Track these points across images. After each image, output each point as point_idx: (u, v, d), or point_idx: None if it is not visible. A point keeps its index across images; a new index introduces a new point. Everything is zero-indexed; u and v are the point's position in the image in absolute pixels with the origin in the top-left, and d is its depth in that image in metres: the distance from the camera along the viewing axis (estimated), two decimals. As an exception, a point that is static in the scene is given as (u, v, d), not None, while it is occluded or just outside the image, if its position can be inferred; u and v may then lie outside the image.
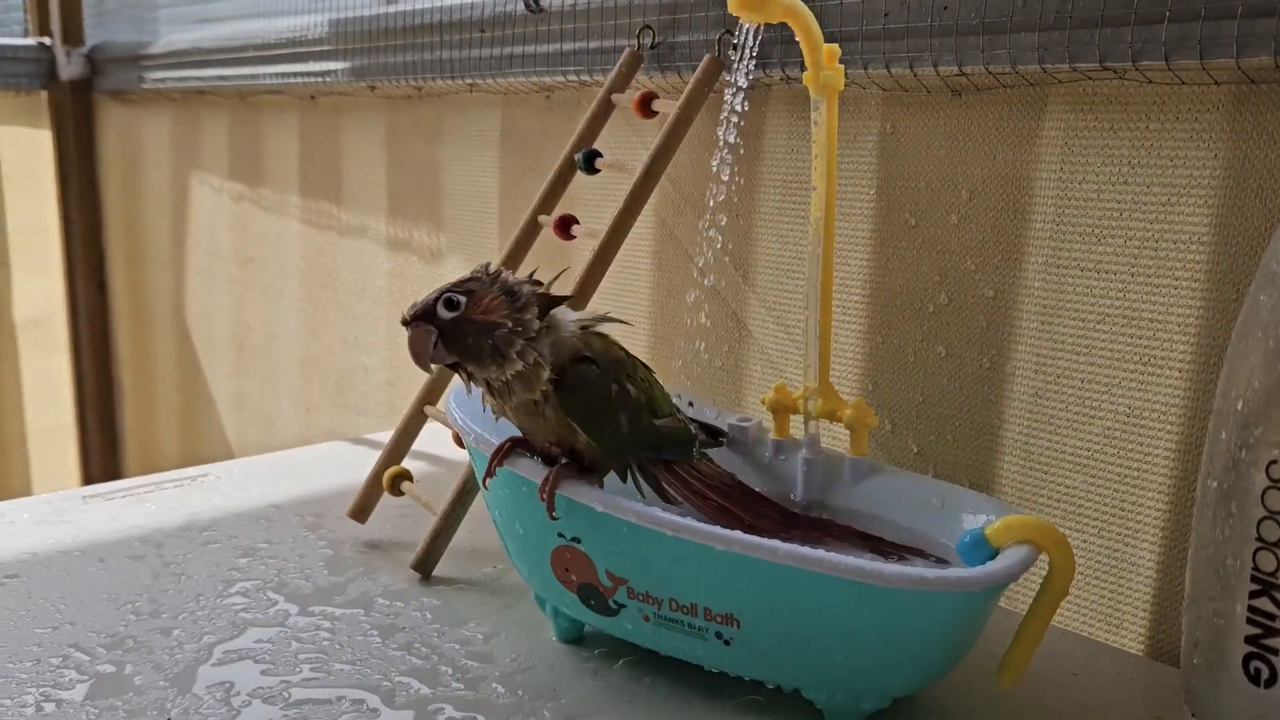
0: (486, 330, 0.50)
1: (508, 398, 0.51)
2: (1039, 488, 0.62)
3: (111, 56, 1.51)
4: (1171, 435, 0.56)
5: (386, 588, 0.63)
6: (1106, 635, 0.60)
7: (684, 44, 0.74)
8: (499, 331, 0.50)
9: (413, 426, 0.73)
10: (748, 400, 0.77)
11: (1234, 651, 0.42)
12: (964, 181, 0.63)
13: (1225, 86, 0.53)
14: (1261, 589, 0.40)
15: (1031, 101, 0.60)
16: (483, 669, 0.54)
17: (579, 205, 0.85)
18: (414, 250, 1.07)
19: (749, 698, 0.51)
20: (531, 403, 0.51)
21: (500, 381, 0.50)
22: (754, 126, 0.74)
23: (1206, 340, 0.54)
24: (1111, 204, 0.57)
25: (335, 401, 1.22)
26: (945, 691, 0.52)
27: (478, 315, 0.50)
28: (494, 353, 0.50)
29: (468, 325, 0.50)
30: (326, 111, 1.16)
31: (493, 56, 0.89)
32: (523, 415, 0.52)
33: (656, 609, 0.50)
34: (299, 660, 0.55)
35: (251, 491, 0.79)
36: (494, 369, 0.50)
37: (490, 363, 0.50)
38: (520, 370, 0.50)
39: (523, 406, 0.51)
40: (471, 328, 0.50)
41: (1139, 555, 0.58)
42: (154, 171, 1.50)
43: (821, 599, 0.45)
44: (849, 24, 0.64)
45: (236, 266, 1.36)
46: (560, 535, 0.51)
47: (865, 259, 0.69)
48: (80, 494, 0.78)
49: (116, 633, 0.57)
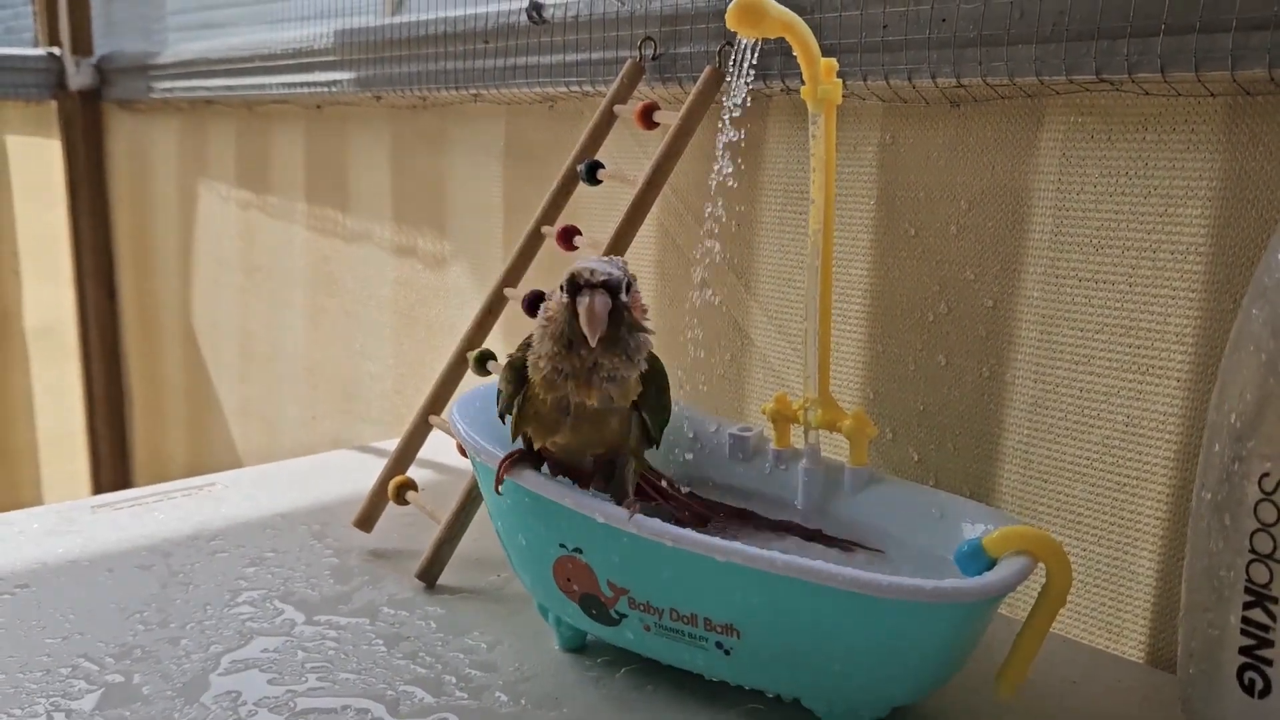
0: (634, 328, 0.50)
1: (584, 402, 0.50)
2: (1039, 496, 0.62)
3: (120, 66, 1.52)
4: (1170, 445, 0.56)
5: (391, 596, 0.64)
6: (1106, 643, 0.60)
7: (685, 55, 0.75)
8: (641, 335, 0.51)
9: (417, 436, 0.73)
10: (750, 409, 0.77)
11: (1229, 662, 0.42)
12: (963, 192, 0.64)
13: (1221, 98, 0.53)
14: (1255, 600, 0.41)
15: (1029, 113, 0.61)
16: (486, 678, 0.55)
17: (582, 216, 0.86)
18: (419, 258, 1.08)
19: (749, 706, 0.52)
20: (599, 412, 0.51)
21: (601, 382, 0.50)
22: (754, 137, 0.75)
23: (1204, 350, 0.55)
24: (1109, 214, 0.58)
25: (341, 409, 1.22)
26: (944, 700, 0.52)
27: (635, 310, 0.50)
28: (629, 351, 0.50)
29: (625, 316, 0.50)
30: (332, 121, 1.17)
31: (496, 67, 0.90)
32: (582, 424, 0.51)
33: (657, 619, 0.50)
34: (305, 670, 0.55)
35: (258, 501, 0.80)
36: (622, 367, 0.50)
37: (621, 360, 0.50)
38: (631, 376, 0.50)
39: (588, 415, 0.51)
40: (627, 319, 0.50)
41: (1138, 564, 0.59)
42: (162, 180, 1.51)
43: (820, 610, 0.46)
44: (848, 36, 0.65)
45: (243, 274, 1.37)
46: (562, 546, 0.52)
47: (865, 269, 0.69)
48: (89, 504, 0.79)
49: (125, 642, 0.58)
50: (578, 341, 0.49)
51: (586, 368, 0.49)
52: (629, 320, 0.50)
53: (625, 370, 0.50)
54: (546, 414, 0.51)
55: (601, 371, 0.49)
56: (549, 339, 0.50)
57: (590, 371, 0.49)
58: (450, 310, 1.05)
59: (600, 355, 0.49)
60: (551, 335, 0.50)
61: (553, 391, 0.50)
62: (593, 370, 0.49)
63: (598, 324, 0.48)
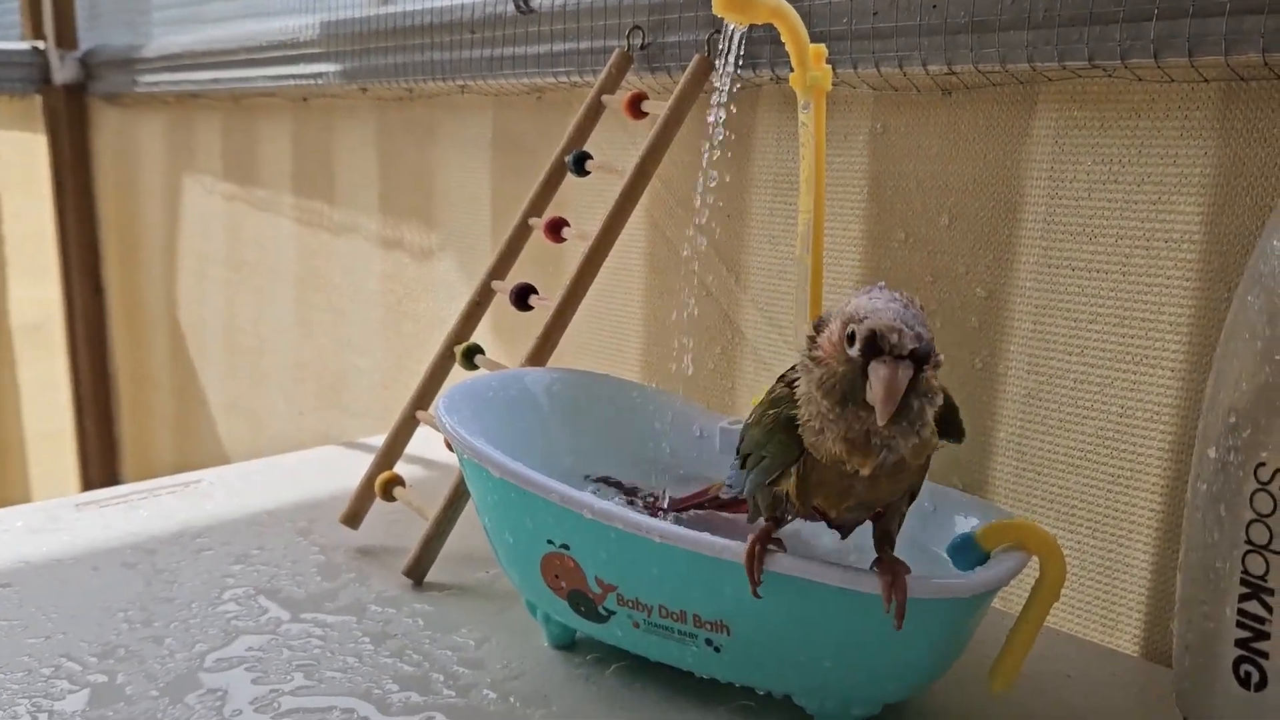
0: (925, 394, 0.40)
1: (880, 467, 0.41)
2: (1032, 489, 0.62)
3: (105, 60, 1.50)
4: (1165, 436, 0.56)
5: (379, 594, 0.63)
6: (1101, 637, 0.60)
7: (674, 44, 0.74)
8: (929, 397, 0.41)
9: (405, 431, 0.72)
10: (740, 401, 0.77)
11: (1224, 655, 0.42)
12: (955, 180, 0.63)
13: (1215, 84, 0.52)
14: (1251, 592, 0.40)
15: (1021, 100, 0.60)
16: (474, 676, 0.54)
17: (571, 207, 0.85)
18: (406, 251, 1.07)
19: (740, 703, 0.51)
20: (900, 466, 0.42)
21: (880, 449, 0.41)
22: (745, 126, 0.74)
23: (1199, 340, 0.54)
24: (1102, 202, 0.57)
25: (329, 404, 1.21)
26: (938, 695, 0.52)
27: (928, 373, 0.40)
28: (910, 418, 0.40)
29: (920, 384, 0.40)
30: (319, 113, 1.16)
31: (483, 58, 0.89)
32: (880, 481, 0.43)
33: (646, 616, 0.50)
34: (291, 668, 0.55)
35: (245, 497, 0.79)
36: (899, 435, 0.40)
37: (901, 429, 0.40)
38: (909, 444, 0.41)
39: (889, 471, 0.42)
40: (921, 386, 0.40)
41: (1133, 556, 0.58)
42: (148, 175, 1.50)
43: (811, 607, 0.45)
44: (837, 23, 0.64)
45: (230, 269, 1.36)
46: (549, 542, 0.51)
47: (857, 259, 0.68)
48: (74, 501, 0.78)
49: (109, 642, 0.57)
50: (857, 405, 0.40)
51: (863, 430, 0.40)
52: (923, 387, 0.40)
53: (903, 440, 0.41)
54: (834, 479, 0.43)
55: (875, 439, 0.41)
56: (818, 390, 0.41)
57: (867, 436, 0.40)
58: (438, 303, 1.04)
59: (894, 435, 0.40)
60: (823, 387, 0.41)
61: (828, 456, 0.42)
62: (869, 435, 0.40)
63: (894, 401, 0.39)
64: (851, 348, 0.39)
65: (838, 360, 0.40)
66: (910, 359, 0.39)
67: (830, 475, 0.43)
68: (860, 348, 0.39)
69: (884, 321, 0.39)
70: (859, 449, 0.41)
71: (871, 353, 0.39)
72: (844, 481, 0.42)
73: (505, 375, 0.64)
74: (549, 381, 0.65)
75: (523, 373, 0.65)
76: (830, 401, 0.40)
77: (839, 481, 0.43)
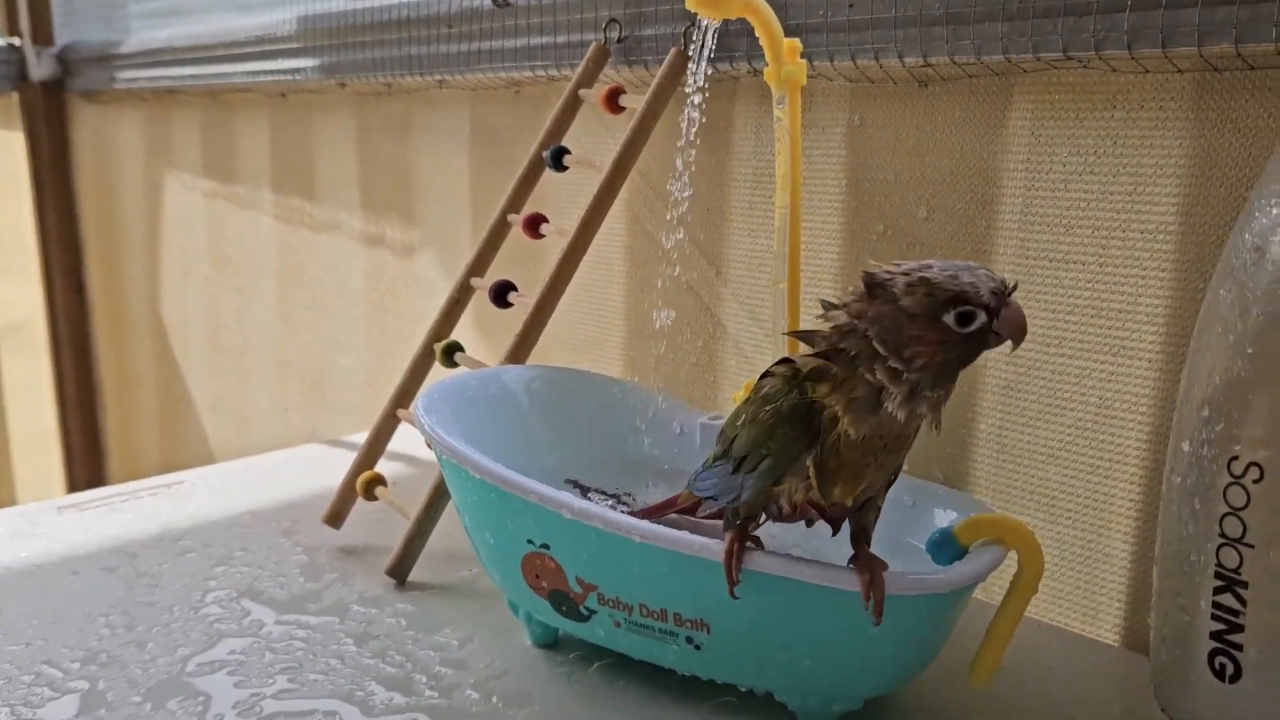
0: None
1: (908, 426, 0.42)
2: (1012, 480, 0.62)
3: (82, 56, 1.49)
4: (1142, 426, 0.56)
5: (361, 594, 0.63)
6: (1082, 627, 0.60)
7: (650, 37, 0.73)
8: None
9: (385, 430, 0.72)
10: (723, 394, 0.77)
11: (1200, 647, 0.42)
12: (933, 172, 0.63)
13: (1189, 74, 0.52)
14: (1225, 585, 0.40)
15: (997, 91, 0.60)
16: (457, 676, 0.54)
17: (550, 201, 0.84)
18: (388, 247, 1.07)
19: (723, 700, 0.51)
20: (904, 441, 0.43)
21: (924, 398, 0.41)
22: (723, 120, 0.74)
23: (1175, 331, 0.54)
24: (1079, 193, 0.57)
25: (313, 401, 1.21)
26: (919, 689, 0.52)
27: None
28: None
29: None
30: (297, 109, 1.15)
31: (461, 52, 0.88)
32: (886, 460, 0.43)
33: (627, 615, 0.50)
34: (274, 671, 0.55)
35: (227, 498, 0.79)
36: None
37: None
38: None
39: (899, 448, 0.43)
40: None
41: (1113, 547, 0.58)
42: (128, 172, 1.49)
43: (789, 605, 0.45)
44: (813, 15, 0.64)
45: (212, 267, 1.35)
46: (530, 542, 0.51)
47: (836, 251, 0.68)
48: (55, 505, 0.77)
49: (90, 648, 0.57)
50: (965, 366, 0.41)
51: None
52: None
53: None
54: (859, 459, 0.42)
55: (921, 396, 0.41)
56: (927, 375, 0.41)
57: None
58: (420, 299, 1.04)
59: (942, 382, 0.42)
60: (933, 369, 0.40)
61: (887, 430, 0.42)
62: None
63: (1024, 331, 0.41)
64: (969, 325, 0.40)
65: (947, 350, 0.40)
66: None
67: (855, 455, 0.42)
68: (990, 306, 0.39)
69: (976, 280, 0.40)
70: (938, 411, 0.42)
71: (1000, 307, 0.40)
72: (869, 459, 0.42)
73: (484, 373, 0.64)
74: (529, 379, 0.65)
75: (502, 370, 0.65)
76: (944, 379, 0.41)
77: (864, 459, 0.42)
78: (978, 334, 0.40)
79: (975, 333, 0.40)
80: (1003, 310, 0.40)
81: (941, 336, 0.40)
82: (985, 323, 0.40)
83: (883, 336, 0.40)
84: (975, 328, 0.40)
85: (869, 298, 0.41)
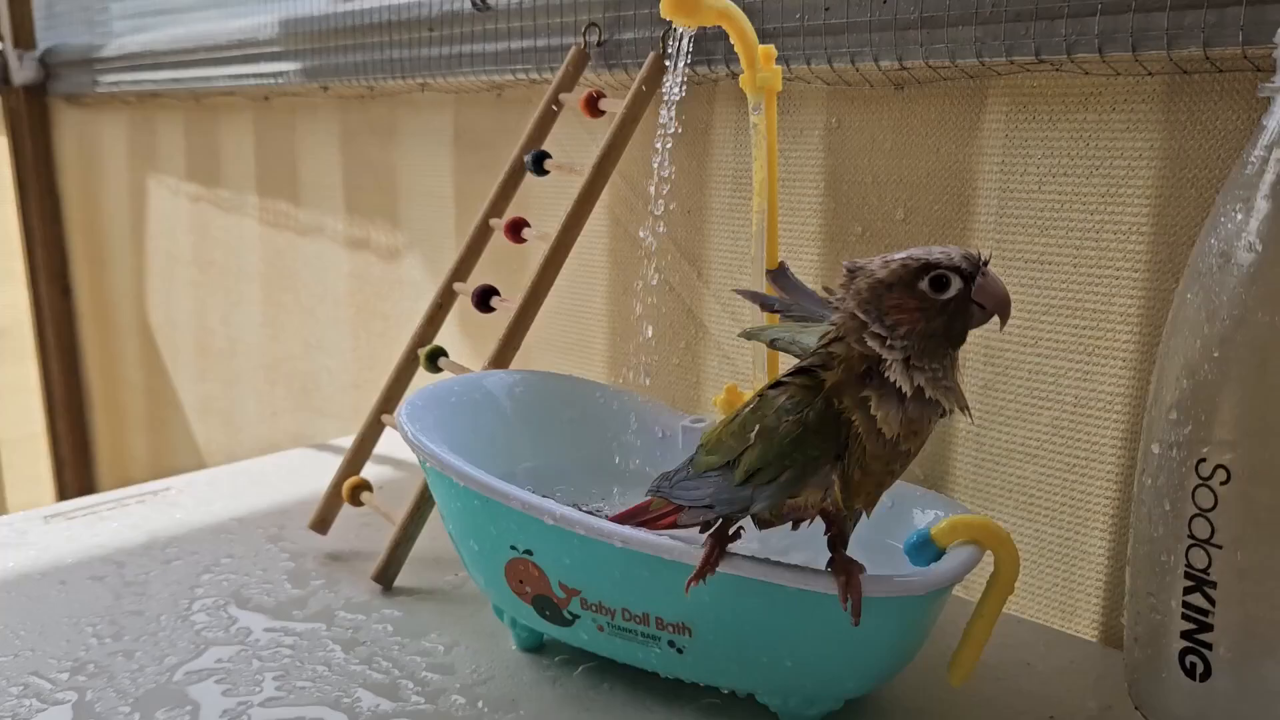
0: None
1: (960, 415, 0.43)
2: (991, 479, 0.62)
3: (64, 60, 1.49)
4: (1118, 425, 0.57)
5: (348, 600, 0.64)
6: (1061, 623, 0.61)
7: (630, 41, 0.74)
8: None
9: (371, 435, 0.73)
10: (706, 396, 0.77)
11: (1171, 646, 0.42)
12: (910, 174, 0.64)
13: (1159, 77, 0.53)
14: (1194, 585, 0.41)
15: (972, 94, 0.60)
16: (444, 681, 0.55)
17: (534, 204, 0.85)
18: (373, 251, 1.07)
19: (706, 701, 0.52)
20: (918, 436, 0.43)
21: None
22: (702, 123, 0.74)
23: (1148, 331, 0.55)
24: (1053, 195, 0.58)
25: (300, 405, 1.21)
26: (900, 688, 0.53)
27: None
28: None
29: None
30: (280, 112, 1.15)
31: (442, 55, 0.88)
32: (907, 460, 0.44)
33: (610, 619, 0.50)
34: (261, 679, 0.55)
35: (214, 505, 0.79)
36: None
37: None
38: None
39: (920, 446, 0.44)
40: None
41: (1090, 544, 0.59)
42: (112, 175, 1.49)
43: (770, 609, 0.46)
44: (790, 19, 0.64)
45: (198, 270, 1.35)
46: (513, 548, 0.52)
47: (816, 253, 0.69)
48: (42, 513, 0.78)
49: (78, 658, 0.57)
50: (955, 341, 0.42)
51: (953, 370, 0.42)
52: None
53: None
54: (880, 470, 0.43)
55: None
56: (913, 344, 0.41)
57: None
58: (406, 302, 1.04)
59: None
60: (918, 339, 0.41)
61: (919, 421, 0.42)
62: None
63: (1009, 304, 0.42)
64: (944, 292, 0.40)
65: (928, 316, 0.41)
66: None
67: (879, 464, 0.42)
68: (962, 271, 0.40)
69: (948, 251, 0.40)
70: (958, 395, 0.42)
71: (973, 274, 0.40)
72: (891, 466, 0.43)
73: (467, 379, 0.64)
74: (511, 384, 0.65)
75: (484, 376, 0.65)
76: (934, 350, 0.41)
77: (886, 468, 0.43)
78: (958, 301, 0.41)
79: (954, 300, 0.41)
80: (979, 279, 0.40)
81: (920, 303, 0.41)
82: (963, 289, 0.40)
83: (864, 307, 0.41)
84: (953, 294, 0.40)
85: (849, 282, 0.42)
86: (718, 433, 0.47)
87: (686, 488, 0.47)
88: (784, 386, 0.44)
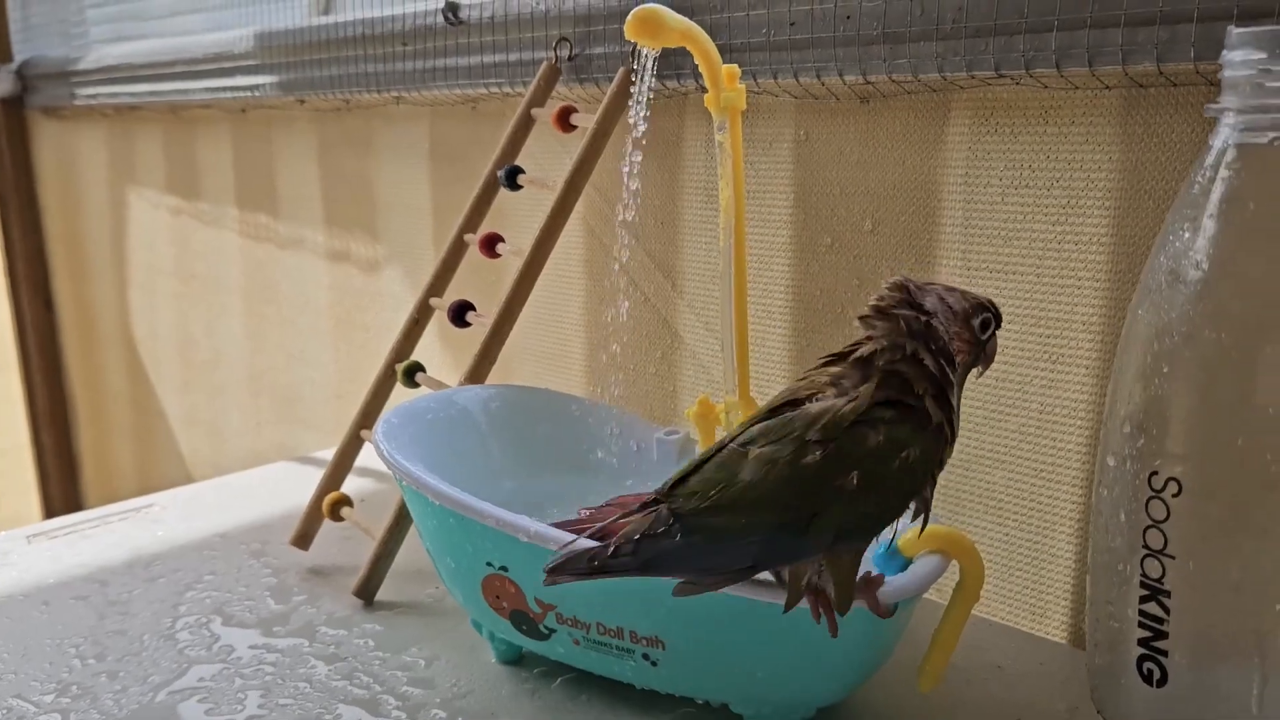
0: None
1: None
2: (961, 484, 0.63)
3: (42, 72, 1.49)
4: (1082, 431, 0.58)
5: (330, 615, 0.64)
6: (1031, 625, 0.62)
7: (600, 56, 0.74)
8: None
9: (350, 451, 0.73)
10: (681, 408, 0.78)
11: (1129, 653, 0.43)
12: (876, 186, 0.64)
13: (1116, 91, 0.54)
14: (1150, 594, 0.42)
15: (935, 108, 0.61)
16: (424, 695, 0.55)
17: (508, 218, 0.85)
18: (353, 263, 1.07)
19: (682, 711, 0.53)
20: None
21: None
22: (672, 136, 0.75)
23: (1110, 339, 0.56)
24: (1015, 206, 0.59)
25: (284, 416, 1.22)
26: (871, 695, 0.54)
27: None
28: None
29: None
30: (258, 125, 1.15)
31: (417, 69, 0.89)
32: None
33: (585, 633, 0.51)
34: (243, 696, 0.56)
35: (197, 521, 0.79)
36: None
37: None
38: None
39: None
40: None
41: (1058, 546, 0.60)
42: (92, 188, 1.49)
43: (739, 622, 0.47)
44: (756, 35, 0.65)
45: (179, 282, 1.35)
46: (489, 565, 0.52)
47: (785, 265, 0.70)
48: (24, 533, 0.78)
49: (62, 679, 0.58)
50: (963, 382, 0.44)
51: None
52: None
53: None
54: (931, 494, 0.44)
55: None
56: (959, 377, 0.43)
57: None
58: (387, 314, 1.04)
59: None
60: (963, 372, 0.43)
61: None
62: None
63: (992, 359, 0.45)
64: (985, 334, 0.43)
65: (970, 349, 0.43)
66: None
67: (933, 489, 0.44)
68: (992, 320, 0.44)
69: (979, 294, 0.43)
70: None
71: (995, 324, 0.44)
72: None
73: (443, 395, 0.65)
74: (487, 399, 0.66)
75: (460, 391, 0.66)
76: (960, 386, 0.43)
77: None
78: (982, 347, 0.44)
79: (981, 345, 0.43)
80: (988, 339, 0.44)
81: (972, 338, 0.43)
82: (987, 339, 0.43)
83: (918, 331, 0.42)
84: (985, 338, 0.43)
85: (899, 303, 0.43)
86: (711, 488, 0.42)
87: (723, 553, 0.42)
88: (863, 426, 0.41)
